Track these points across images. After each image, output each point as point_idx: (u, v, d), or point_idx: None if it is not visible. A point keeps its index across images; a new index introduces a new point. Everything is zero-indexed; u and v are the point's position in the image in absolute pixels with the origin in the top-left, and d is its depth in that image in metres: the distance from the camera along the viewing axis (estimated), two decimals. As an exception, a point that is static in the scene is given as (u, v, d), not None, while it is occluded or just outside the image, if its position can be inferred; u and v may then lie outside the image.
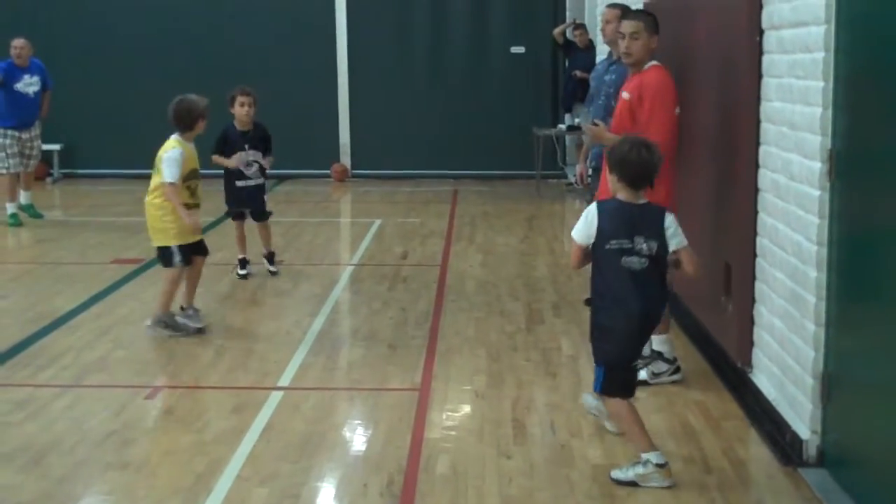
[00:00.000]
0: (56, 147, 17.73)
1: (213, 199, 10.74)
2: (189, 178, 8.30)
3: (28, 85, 13.49)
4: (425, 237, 12.68)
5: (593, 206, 5.55)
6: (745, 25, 6.58)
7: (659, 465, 5.40)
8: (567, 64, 16.97)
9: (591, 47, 15.60)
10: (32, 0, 18.16)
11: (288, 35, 18.20)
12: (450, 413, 6.53)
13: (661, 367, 7.03)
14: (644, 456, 5.43)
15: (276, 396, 6.76)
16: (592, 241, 5.51)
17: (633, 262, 5.43)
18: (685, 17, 8.36)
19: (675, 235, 5.53)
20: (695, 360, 7.51)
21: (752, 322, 6.63)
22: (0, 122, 13.43)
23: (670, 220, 5.54)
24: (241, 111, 10.38)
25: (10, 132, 13.36)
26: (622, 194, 5.53)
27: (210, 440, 6.04)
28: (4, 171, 13.26)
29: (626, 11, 8.67)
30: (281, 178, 17.86)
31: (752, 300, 6.61)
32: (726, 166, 7.07)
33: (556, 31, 16.74)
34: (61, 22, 18.14)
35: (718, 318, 7.25)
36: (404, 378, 7.18)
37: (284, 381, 7.12)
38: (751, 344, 6.65)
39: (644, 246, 5.43)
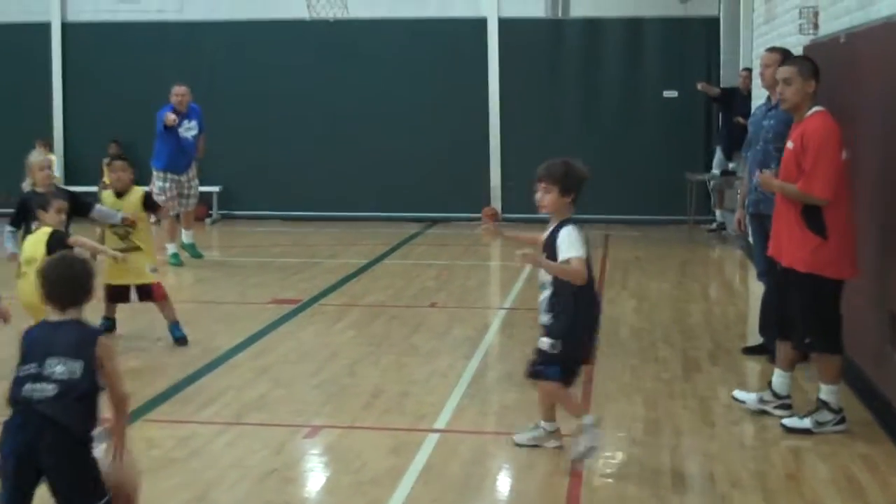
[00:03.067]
0: (215, 189, 18.23)
1: (369, 240, 10.87)
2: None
3: (187, 130, 13.93)
4: (577, 282, 12.60)
5: (571, 227, 6.26)
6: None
7: (553, 432, 6.47)
8: (721, 111, 16.76)
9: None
10: (198, 51, 18.80)
11: (439, 79, 18.44)
12: (607, 460, 6.47)
13: (826, 416, 6.88)
14: (543, 423, 6.51)
15: (432, 439, 6.79)
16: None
17: None
18: (848, 61, 8.21)
19: None
20: (859, 411, 7.30)
21: (920, 374, 6.44)
22: (160, 165, 13.89)
23: None
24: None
25: (169, 175, 13.82)
26: (568, 213, 6.30)
27: (368, 481, 6.10)
28: (165, 213, 13.67)
29: (785, 56, 8.59)
30: (433, 221, 18.04)
31: (921, 351, 6.42)
32: (893, 213, 6.90)
33: (700, 87, 16.48)
34: (223, 72, 18.73)
35: (884, 369, 7.05)
36: (560, 424, 7.14)
37: (440, 423, 7.15)
38: (919, 397, 6.46)
39: None
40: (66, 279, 4.80)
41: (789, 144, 6.95)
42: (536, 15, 18.70)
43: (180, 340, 9.27)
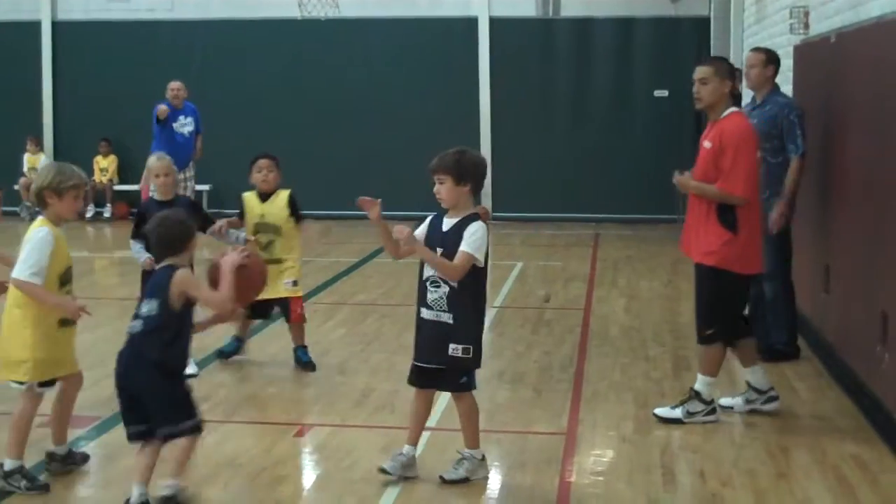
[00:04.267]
0: (206, 187, 18.20)
1: (360, 239, 10.85)
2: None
3: (183, 125, 13.93)
4: (567, 281, 12.65)
5: (483, 225, 5.91)
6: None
7: (482, 459, 6.05)
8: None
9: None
10: (189, 49, 18.79)
11: (430, 77, 18.45)
12: (597, 458, 6.49)
13: (697, 406, 7.08)
14: (469, 452, 6.05)
15: (423, 437, 6.77)
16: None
17: None
18: (839, 61, 8.24)
19: None
20: (849, 411, 7.33)
21: (910, 373, 6.45)
22: (157, 161, 13.84)
23: None
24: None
25: (165, 173, 13.74)
26: (470, 205, 6.02)
27: (359, 479, 6.10)
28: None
29: (769, 57, 8.63)
30: (424, 220, 18.04)
31: (911, 350, 6.44)
32: (883, 213, 6.92)
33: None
34: (214, 70, 18.71)
35: (874, 368, 7.06)
36: (551, 422, 7.17)
37: (431, 421, 7.09)
38: (909, 395, 6.47)
39: None
40: (160, 237, 5.53)
41: (706, 144, 7.11)
42: (527, 14, 18.72)
43: (307, 365, 8.46)
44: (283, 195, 8.54)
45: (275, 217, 8.44)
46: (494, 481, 6.19)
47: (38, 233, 5.81)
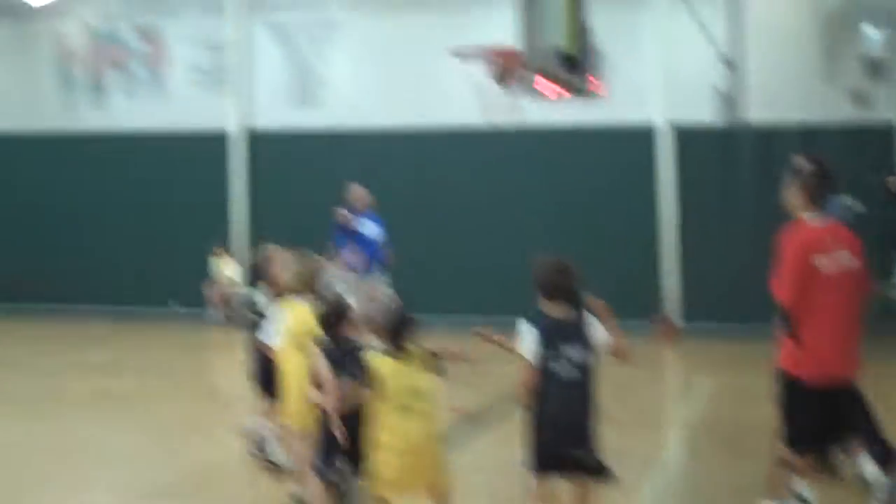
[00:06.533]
0: (388, 295, 18.25)
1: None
2: None
3: (364, 226, 14.54)
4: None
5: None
6: None
7: None
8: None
9: None
10: (372, 159, 19.08)
11: (606, 187, 18.37)
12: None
13: None
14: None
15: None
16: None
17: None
18: None
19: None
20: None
21: None
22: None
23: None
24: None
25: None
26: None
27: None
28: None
29: None
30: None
31: None
32: None
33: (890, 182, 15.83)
34: (397, 181, 18.90)
35: None
36: None
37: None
38: None
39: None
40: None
41: None
42: (707, 121, 18.23)
43: None
44: None
45: None
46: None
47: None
